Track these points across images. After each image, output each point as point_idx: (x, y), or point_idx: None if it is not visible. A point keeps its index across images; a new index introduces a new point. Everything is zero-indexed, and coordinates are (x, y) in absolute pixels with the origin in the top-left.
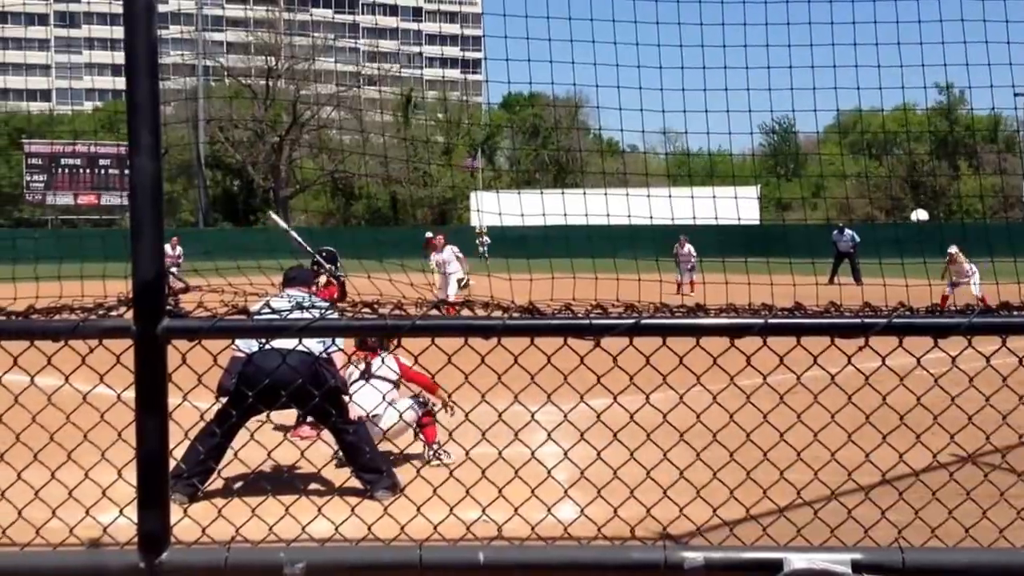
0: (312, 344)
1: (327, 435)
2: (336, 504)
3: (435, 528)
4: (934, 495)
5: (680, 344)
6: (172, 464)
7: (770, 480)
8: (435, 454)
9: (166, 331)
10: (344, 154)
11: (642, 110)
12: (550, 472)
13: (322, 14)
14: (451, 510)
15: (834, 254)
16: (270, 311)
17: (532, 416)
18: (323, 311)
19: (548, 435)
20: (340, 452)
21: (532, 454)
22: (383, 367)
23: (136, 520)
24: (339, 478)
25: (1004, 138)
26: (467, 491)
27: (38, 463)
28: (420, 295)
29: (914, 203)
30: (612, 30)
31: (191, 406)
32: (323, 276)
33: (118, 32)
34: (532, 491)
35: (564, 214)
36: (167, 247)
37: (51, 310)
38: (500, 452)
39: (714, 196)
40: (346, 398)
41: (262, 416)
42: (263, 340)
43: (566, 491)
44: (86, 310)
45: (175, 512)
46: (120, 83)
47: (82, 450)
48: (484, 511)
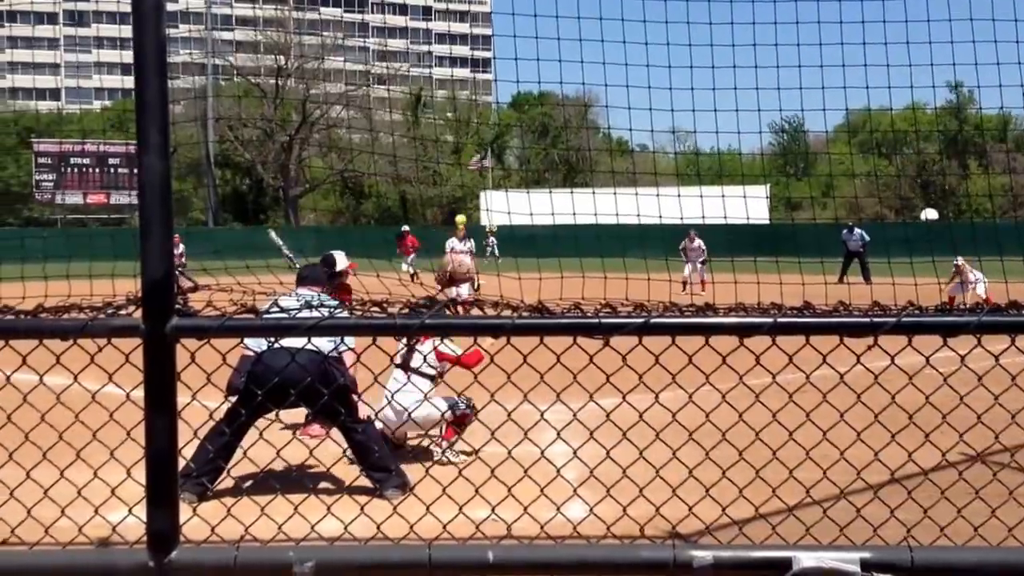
0: (322, 343)
1: (336, 434)
2: (345, 503)
3: (444, 527)
4: (943, 494)
5: (689, 343)
6: (181, 463)
7: (779, 479)
8: (444, 453)
9: (175, 330)
10: (354, 153)
11: (651, 109)
12: (559, 471)
13: (331, 13)
14: (460, 509)
15: (844, 253)
16: (279, 310)
17: (541, 415)
18: (332, 310)
19: (557, 434)
20: (349, 451)
21: (541, 453)
22: (424, 364)
23: (145, 519)
24: (348, 477)
25: (1014, 137)
26: (476, 490)
27: (47, 462)
28: (429, 294)
29: (923, 202)
30: (621, 29)
31: (200, 405)
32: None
33: (127, 31)
34: (541, 490)
35: (573, 213)
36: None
37: (60, 309)
38: (509, 451)
39: (723, 195)
40: (386, 394)
41: (271, 415)
42: (272, 339)
43: (575, 490)
44: (95, 309)
45: (184, 511)
46: (129, 82)
47: (91, 449)
48: (493, 510)
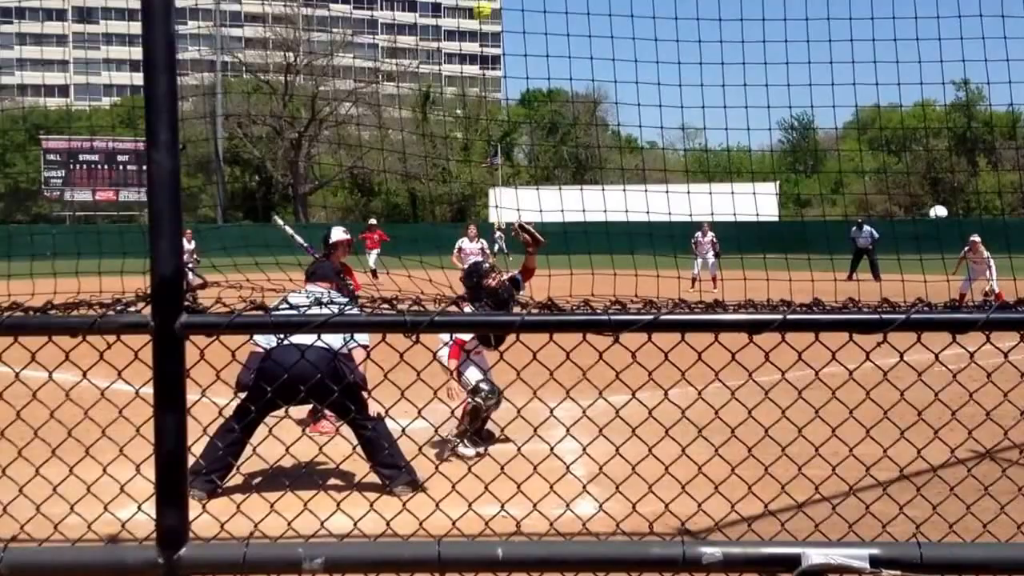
0: (333, 339)
1: (346, 430)
2: (355, 500)
3: (454, 524)
4: (952, 490)
5: (698, 340)
6: (191, 461)
7: (788, 476)
8: (453, 449)
9: (184, 327)
10: (363, 150)
11: (660, 106)
12: (569, 468)
13: (340, 10)
14: (470, 506)
15: (852, 250)
16: (289, 307)
17: (551, 412)
18: (342, 307)
19: (567, 431)
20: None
21: (551, 450)
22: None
23: (154, 516)
24: (358, 474)
25: (1023, 134)
26: (486, 487)
27: (56, 458)
28: (439, 291)
29: (933, 199)
30: (631, 25)
31: (209, 402)
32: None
33: (136, 28)
34: (551, 487)
35: (583, 210)
36: (183, 242)
37: (69, 306)
38: (519, 448)
39: (732, 192)
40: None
41: (280, 412)
42: (282, 335)
43: (584, 487)
44: (104, 306)
45: (193, 508)
46: (138, 78)
47: (100, 446)
48: (503, 507)
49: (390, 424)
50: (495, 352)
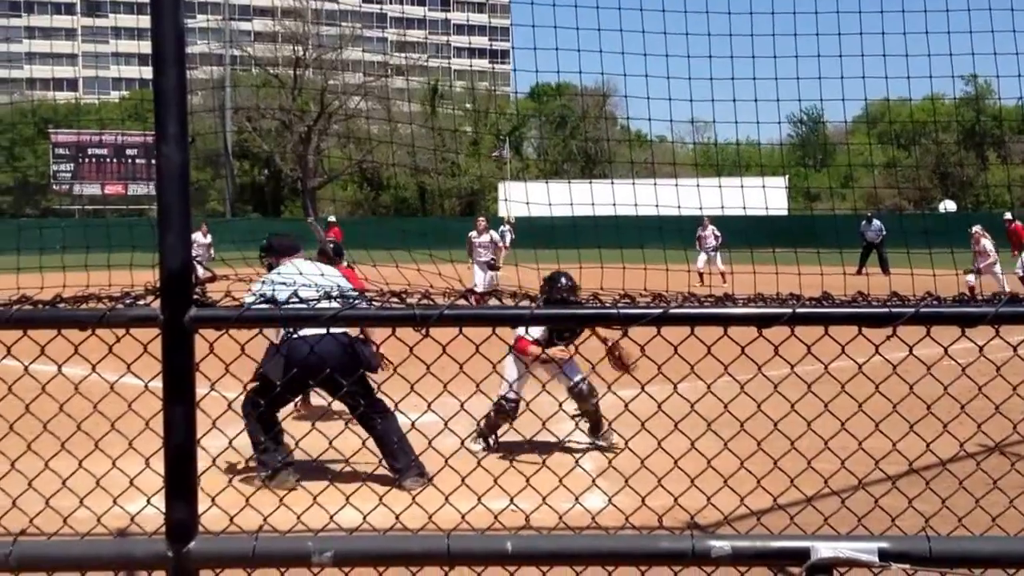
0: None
1: (357, 425)
2: (364, 493)
3: (463, 517)
4: (961, 484)
5: (708, 333)
6: (201, 456)
7: (797, 469)
8: (485, 446)
9: (194, 320)
10: (372, 143)
11: (670, 99)
12: (578, 461)
13: (350, 3)
14: (479, 499)
15: (862, 244)
16: (286, 285)
17: (560, 406)
18: (352, 300)
19: (576, 425)
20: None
21: (560, 443)
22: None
23: (164, 509)
24: (367, 467)
25: None
26: (495, 480)
27: (65, 452)
28: (448, 285)
29: (942, 194)
30: (640, 18)
31: (219, 395)
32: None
33: (145, 21)
34: (560, 480)
35: (592, 203)
36: (199, 235)
37: (78, 299)
38: (528, 441)
39: (742, 185)
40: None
41: (289, 407)
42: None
43: (594, 480)
44: (113, 299)
45: (203, 501)
46: (147, 72)
47: (109, 439)
48: (512, 500)
49: (400, 419)
50: (565, 353)
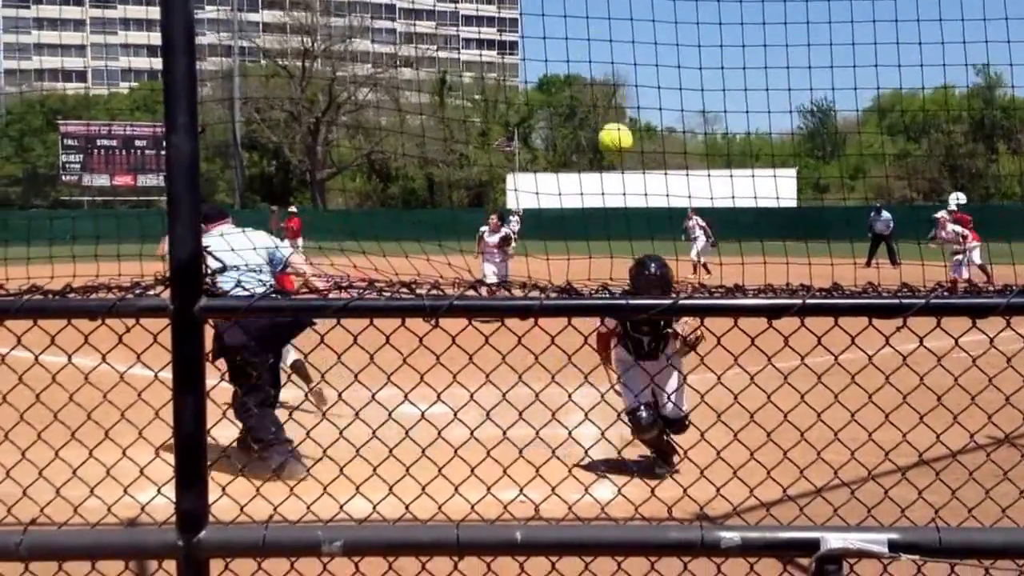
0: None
1: (367, 415)
2: (374, 484)
3: (472, 507)
4: (971, 475)
5: (717, 324)
6: (213, 441)
7: (807, 461)
8: (662, 467)
9: (203, 310)
10: (382, 134)
11: (681, 89)
12: (587, 452)
13: None
14: (488, 490)
15: (870, 236)
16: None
17: (569, 396)
18: (361, 291)
19: (585, 415)
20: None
21: (569, 434)
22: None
23: (174, 499)
24: (376, 458)
25: None
26: (504, 471)
27: (75, 442)
28: (458, 275)
29: (952, 185)
30: (650, 8)
31: (228, 385)
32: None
33: (154, 12)
34: (569, 471)
35: (602, 193)
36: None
37: (88, 289)
38: (537, 432)
39: (753, 176)
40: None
41: (299, 395)
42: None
43: (603, 470)
44: (123, 289)
45: (213, 491)
46: (156, 63)
47: (119, 429)
48: (522, 491)
49: (410, 409)
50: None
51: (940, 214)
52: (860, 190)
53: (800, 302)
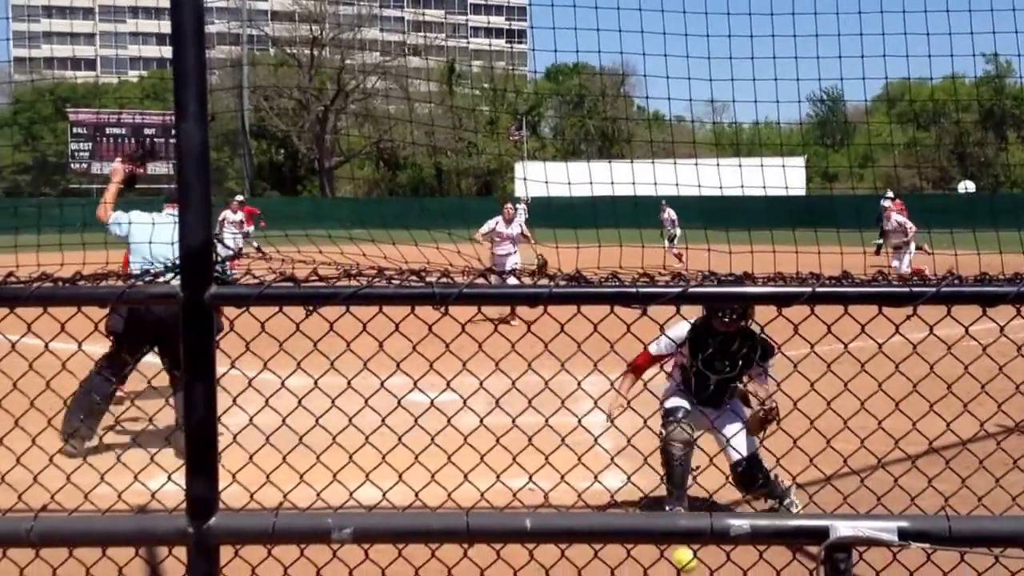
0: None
1: (376, 403)
2: (384, 471)
3: (482, 495)
4: (981, 464)
5: None
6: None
7: (816, 448)
8: (783, 499)
9: (214, 298)
10: (391, 122)
11: (689, 78)
12: (597, 440)
13: None
14: (498, 477)
15: (877, 224)
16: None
17: (579, 384)
18: (370, 279)
19: (595, 403)
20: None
21: (579, 422)
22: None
23: (184, 486)
24: (386, 446)
25: None
26: (514, 459)
27: (86, 427)
28: (467, 263)
29: (961, 174)
30: None
31: (239, 373)
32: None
33: (163, 0)
34: (579, 459)
35: (612, 182)
36: (228, 213)
37: (98, 276)
38: (547, 420)
39: (762, 165)
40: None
41: (308, 382)
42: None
43: (612, 459)
44: (133, 276)
45: (223, 478)
46: (166, 52)
47: (130, 415)
48: (531, 479)
49: (419, 397)
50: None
51: (885, 203)
52: (869, 179)
53: (810, 290)
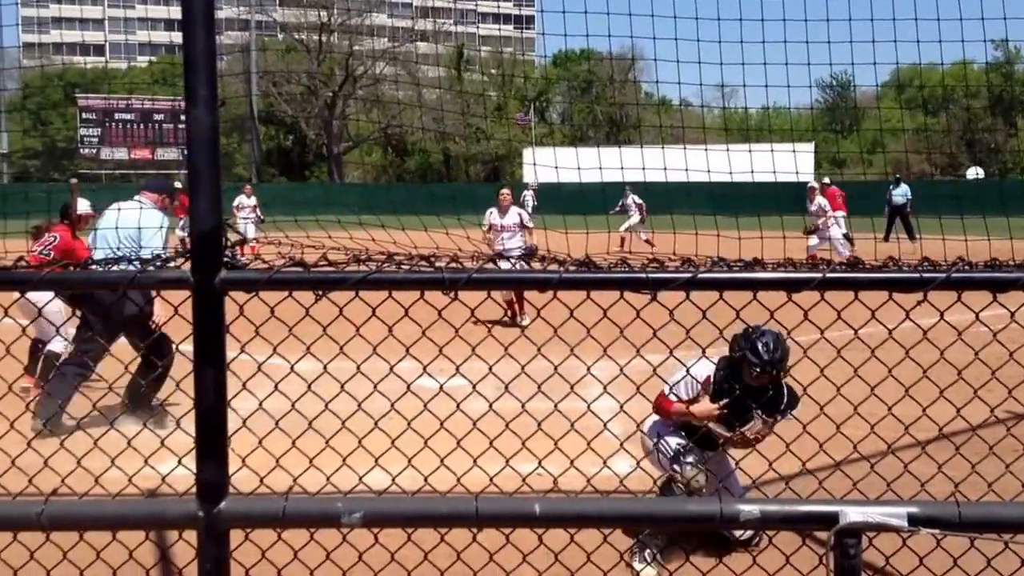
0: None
1: (386, 388)
2: (393, 455)
3: (491, 480)
4: (991, 450)
5: (737, 298)
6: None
7: (826, 434)
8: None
9: (224, 283)
10: (399, 108)
11: (700, 63)
12: (606, 425)
13: None
14: (507, 462)
15: (887, 211)
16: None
17: (588, 370)
18: (379, 265)
19: (604, 388)
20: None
21: (588, 407)
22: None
23: (195, 470)
24: (395, 430)
25: None
26: (523, 443)
27: (97, 412)
28: (476, 248)
29: (969, 160)
30: None
31: (249, 357)
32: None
33: None
34: (588, 444)
35: (622, 168)
36: (243, 198)
37: (109, 260)
38: (556, 405)
39: (772, 150)
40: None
41: (317, 367)
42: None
43: (622, 444)
44: (144, 261)
45: (233, 462)
46: (175, 37)
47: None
48: (540, 464)
49: (428, 382)
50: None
51: (813, 184)
52: (878, 165)
53: (820, 276)
